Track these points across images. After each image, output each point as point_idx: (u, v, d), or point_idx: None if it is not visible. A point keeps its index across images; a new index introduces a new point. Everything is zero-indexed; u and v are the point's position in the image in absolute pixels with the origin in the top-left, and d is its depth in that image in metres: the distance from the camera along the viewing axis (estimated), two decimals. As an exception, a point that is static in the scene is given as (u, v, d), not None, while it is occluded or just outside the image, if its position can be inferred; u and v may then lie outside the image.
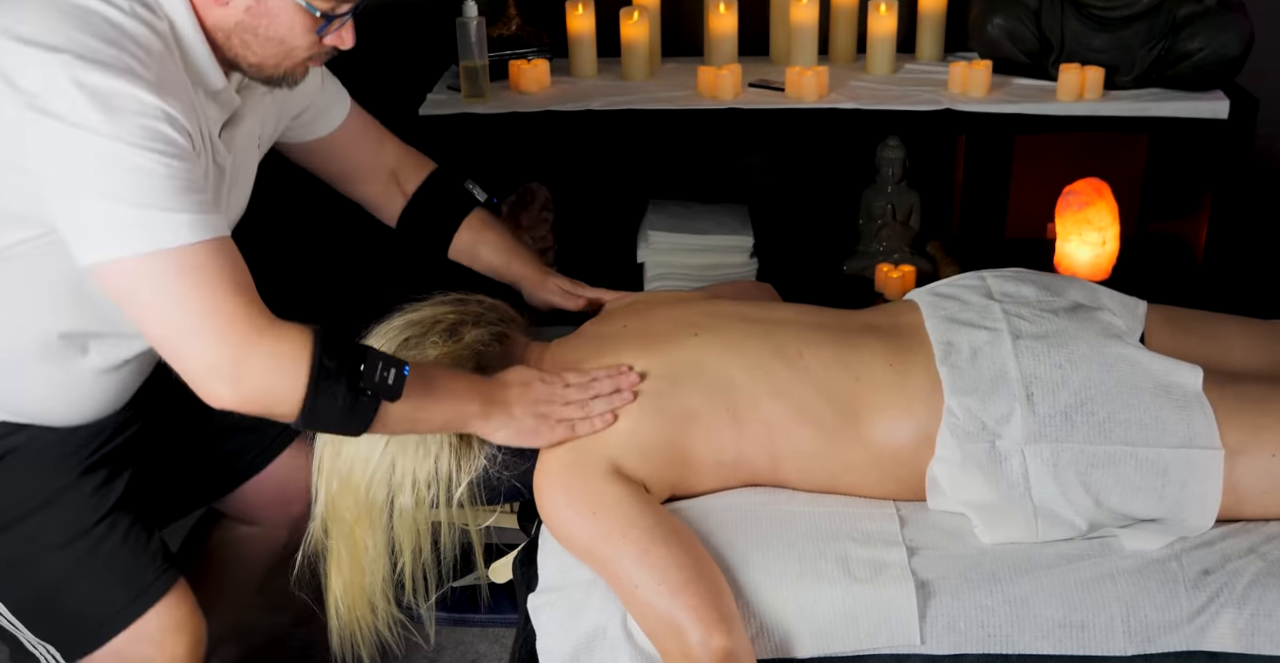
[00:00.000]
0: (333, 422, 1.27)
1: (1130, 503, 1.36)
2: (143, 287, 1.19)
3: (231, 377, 1.21)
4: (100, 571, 1.46)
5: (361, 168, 1.69)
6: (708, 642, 1.25)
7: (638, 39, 2.40)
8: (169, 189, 1.18)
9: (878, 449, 1.41)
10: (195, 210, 1.20)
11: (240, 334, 1.21)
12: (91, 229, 1.17)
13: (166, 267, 1.18)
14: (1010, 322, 1.45)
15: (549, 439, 1.40)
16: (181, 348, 1.21)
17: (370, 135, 1.69)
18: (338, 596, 1.48)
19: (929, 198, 2.66)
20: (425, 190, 1.70)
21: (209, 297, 1.20)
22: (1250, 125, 2.22)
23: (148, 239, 1.17)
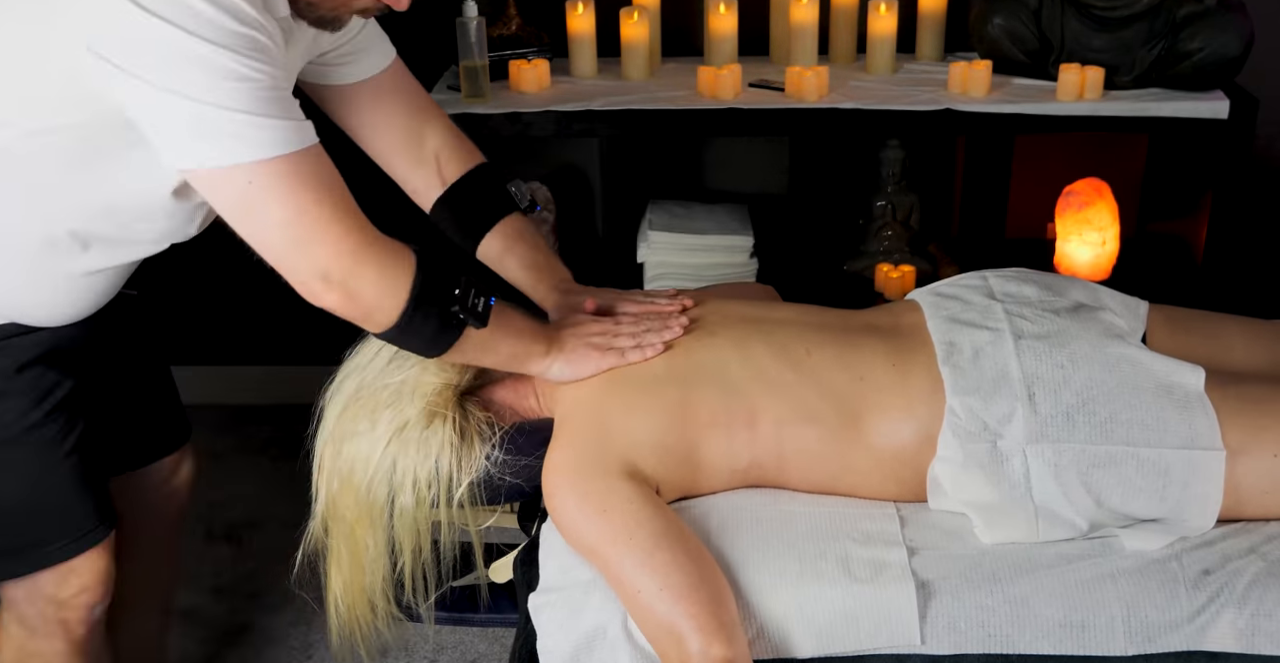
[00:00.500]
0: (419, 338, 1.32)
1: (1131, 503, 1.36)
2: (257, 193, 1.20)
3: (342, 282, 1.25)
4: (52, 498, 1.47)
5: (396, 136, 1.60)
6: (707, 651, 1.25)
7: (638, 39, 2.40)
8: (274, 97, 1.19)
9: (879, 449, 1.41)
10: (298, 116, 1.22)
11: (355, 241, 1.25)
12: (199, 134, 1.17)
13: (283, 172, 1.20)
14: (1012, 322, 1.45)
15: (599, 366, 1.44)
16: (293, 254, 1.23)
17: (409, 102, 1.60)
18: (337, 594, 1.48)
19: (929, 198, 2.66)
20: (464, 183, 1.63)
21: (323, 203, 1.22)
22: (1250, 125, 2.22)
23: (262, 145, 1.18)
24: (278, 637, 2.23)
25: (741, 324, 1.50)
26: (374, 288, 1.27)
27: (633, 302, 1.56)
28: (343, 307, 1.27)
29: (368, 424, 1.43)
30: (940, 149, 2.65)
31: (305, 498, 1.50)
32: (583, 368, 1.45)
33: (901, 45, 2.44)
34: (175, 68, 1.15)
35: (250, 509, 2.57)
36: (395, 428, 1.42)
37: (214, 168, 1.19)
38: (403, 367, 1.45)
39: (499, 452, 1.44)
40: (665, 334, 1.46)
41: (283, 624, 2.25)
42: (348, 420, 1.45)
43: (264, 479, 2.65)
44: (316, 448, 1.47)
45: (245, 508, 2.58)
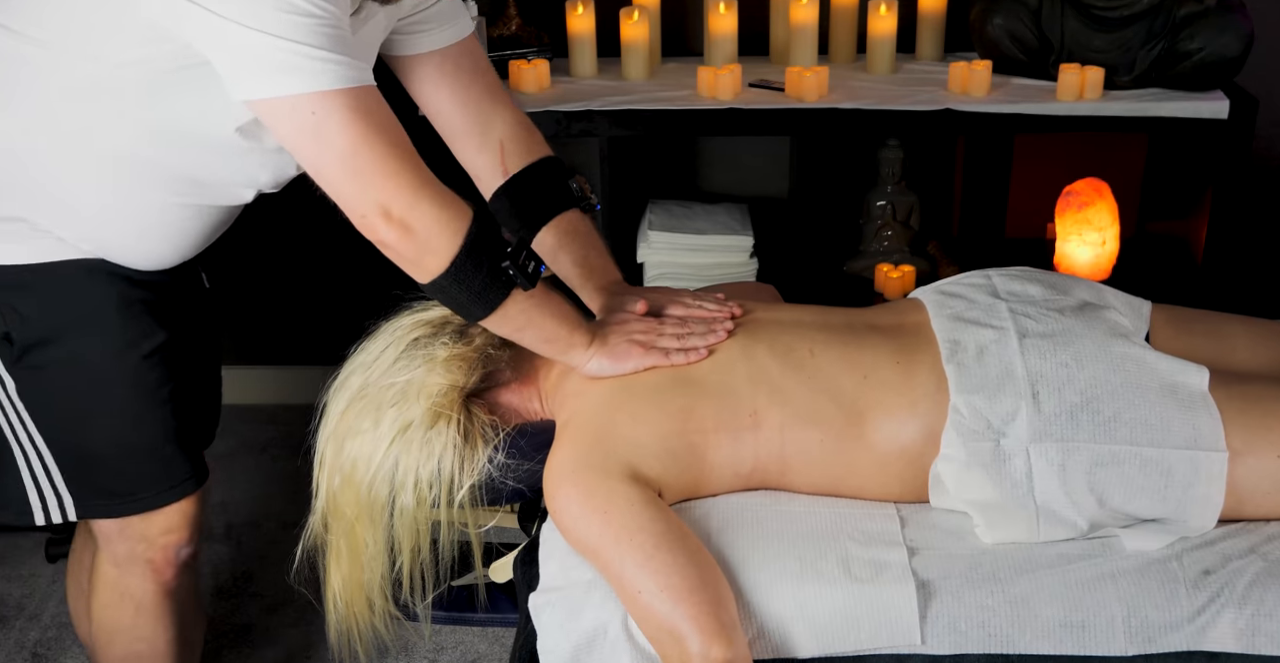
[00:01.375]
0: (467, 290, 1.32)
1: (1133, 503, 1.36)
2: (320, 123, 1.23)
3: (401, 217, 1.27)
4: (148, 442, 1.54)
5: (464, 116, 1.59)
6: (707, 652, 1.25)
7: (638, 39, 2.40)
8: (338, 36, 1.23)
9: (883, 449, 1.41)
10: (360, 60, 1.26)
11: (414, 178, 1.27)
12: (265, 65, 1.21)
13: (345, 105, 1.23)
14: (1016, 320, 1.45)
15: (641, 363, 1.44)
16: (353, 186, 1.26)
17: (480, 82, 1.59)
18: (336, 591, 1.48)
19: (929, 198, 2.66)
20: (525, 175, 1.60)
21: (385, 138, 1.26)
22: (1250, 125, 2.22)
23: (325, 77, 1.22)
24: (278, 637, 2.23)
25: (745, 326, 1.50)
26: (432, 225, 1.28)
27: (681, 304, 1.55)
28: (399, 242, 1.28)
29: (371, 422, 1.43)
30: (940, 149, 2.65)
31: (305, 499, 1.50)
32: (624, 363, 1.44)
33: (901, 45, 2.44)
34: (247, 2, 1.19)
35: (250, 509, 2.57)
36: (399, 427, 1.42)
37: (278, 97, 1.22)
38: (409, 366, 1.45)
39: (501, 455, 1.44)
40: (710, 338, 1.46)
41: (283, 624, 2.25)
42: (351, 418, 1.45)
43: (264, 479, 2.65)
44: (318, 444, 1.47)
45: (245, 508, 2.58)
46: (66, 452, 1.53)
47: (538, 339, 1.42)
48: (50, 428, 1.52)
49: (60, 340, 1.47)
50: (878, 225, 2.58)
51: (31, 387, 1.49)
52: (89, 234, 1.45)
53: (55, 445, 1.52)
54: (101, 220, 1.44)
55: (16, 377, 1.49)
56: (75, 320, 1.47)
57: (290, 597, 2.28)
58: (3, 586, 2.36)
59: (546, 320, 1.40)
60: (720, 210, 2.58)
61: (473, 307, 1.35)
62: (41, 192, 1.41)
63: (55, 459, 1.53)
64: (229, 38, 1.21)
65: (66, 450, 1.53)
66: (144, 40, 1.29)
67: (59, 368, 1.48)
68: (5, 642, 2.22)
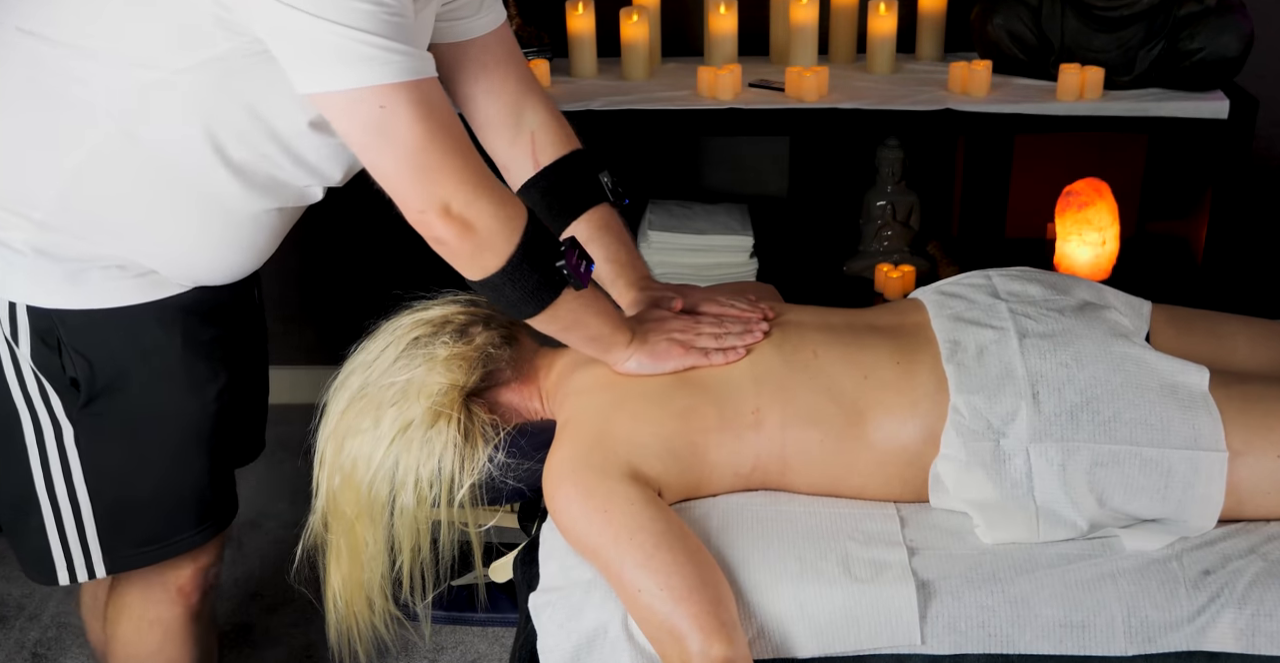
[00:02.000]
0: (521, 288, 1.32)
1: (1133, 503, 1.36)
2: (389, 117, 1.20)
3: (461, 213, 1.25)
4: (197, 486, 1.52)
5: (496, 106, 1.57)
6: (707, 651, 1.25)
7: (638, 39, 2.40)
8: (405, 25, 1.21)
9: (883, 449, 1.41)
10: (422, 47, 1.24)
11: (476, 175, 1.26)
12: (334, 57, 1.18)
13: (414, 98, 1.21)
14: (1016, 320, 1.45)
15: (682, 363, 1.44)
16: (415, 182, 1.24)
17: (514, 72, 1.57)
18: (336, 590, 1.48)
19: (929, 198, 2.66)
20: (555, 168, 1.57)
21: (450, 133, 1.24)
22: (1250, 125, 2.22)
23: (395, 69, 1.19)
24: (278, 637, 2.23)
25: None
26: (492, 222, 1.27)
27: (715, 302, 1.55)
28: (458, 239, 1.27)
29: (371, 422, 1.43)
30: (940, 149, 2.65)
31: (306, 499, 1.50)
32: (665, 363, 1.44)
33: (901, 45, 2.44)
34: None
35: (251, 509, 2.57)
36: (399, 427, 1.42)
37: (347, 90, 1.19)
38: (409, 366, 1.45)
39: (502, 454, 1.44)
40: (747, 338, 1.46)
41: (283, 624, 2.25)
42: (351, 417, 1.45)
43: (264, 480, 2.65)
44: (318, 443, 1.47)
45: (246, 508, 2.57)
46: (109, 503, 1.48)
47: (583, 337, 1.42)
48: (99, 478, 1.47)
49: (127, 387, 1.44)
50: (878, 225, 2.58)
51: (91, 433, 1.46)
52: (170, 255, 1.41)
53: (99, 497, 1.48)
54: (180, 236, 1.41)
55: (77, 423, 1.45)
56: (142, 367, 1.44)
57: (290, 597, 2.28)
58: (3, 586, 2.36)
59: (593, 319, 1.40)
60: (720, 210, 2.58)
61: (524, 305, 1.34)
62: (120, 221, 1.37)
63: (93, 512, 1.48)
64: (295, 26, 1.17)
65: (109, 501, 1.48)
66: (210, 39, 1.26)
67: (121, 415, 1.45)
68: (5, 642, 2.22)
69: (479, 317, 1.51)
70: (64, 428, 1.45)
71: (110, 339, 1.42)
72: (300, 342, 2.84)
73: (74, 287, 1.39)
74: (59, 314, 1.39)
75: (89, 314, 1.40)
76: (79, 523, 1.48)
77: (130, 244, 1.39)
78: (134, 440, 1.47)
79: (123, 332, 1.42)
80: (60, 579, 1.50)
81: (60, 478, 1.46)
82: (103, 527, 1.49)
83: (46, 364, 1.41)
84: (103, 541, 1.49)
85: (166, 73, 1.29)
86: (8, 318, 1.39)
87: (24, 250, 1.36)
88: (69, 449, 1.46)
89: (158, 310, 1.43)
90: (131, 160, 1.34)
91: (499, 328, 1.52)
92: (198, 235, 1.41)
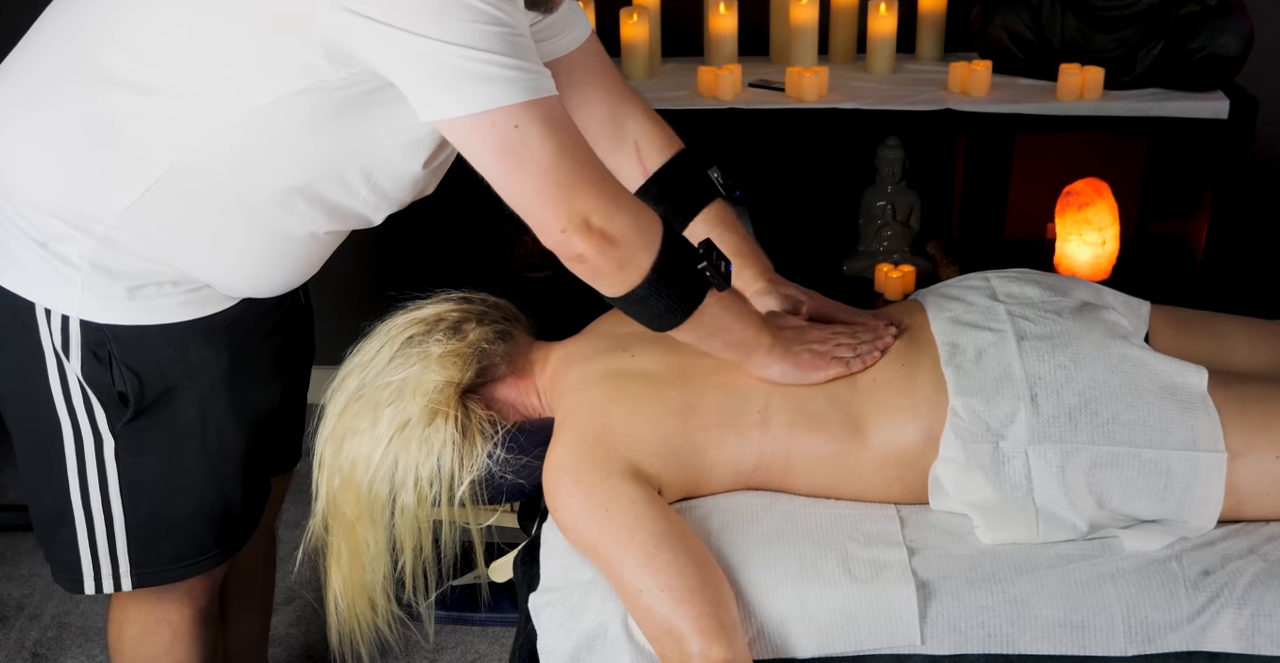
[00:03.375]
0: (664, 298, 1.29)
1: (1132, 504, 1.36)
2: (522, 136, 1.19)
3: (602, 226, 1.23)
4: (229, 505, 1.51)
5: (595, 117, 1.56)
6: (707, 653, 1.25)
7: (638, 39, 2.40)
8: (526, 44, 1.20)
9: (883, 451, 1.41)
10: (540, 63, 1.22)
11: (612, 188, 1.25)
12: (463, 79, 1.16)
13: (545, 116, 1.20)
14: (1015, 323, 1.45)
15: (825, 374, 1.41)
16: (555, 200, 1.22)
17: (608, 83, 1.57)
18: (337, 592, 1.48)
19: (929, 198, 2.66)
20: (666, 171, 1.57)
21: (580, 149, 1.23)
22: (1250, 125, 2.22)
23: (526, 87, 1.18)
24: (278, 637, 2.23)
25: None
26: (632, 233, 1.25)
27: (845, 310, 1.54)
28: (599, 254, 1.24)
29: (369, 422, 1.43)
30: (940, 149, 2.65)
31: (307, 499, 1.50)
32: (810, 374, 1.41)
33: (901, 45, 2.44)
34: (435, 14, 1.15)
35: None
36: (397, 426, 1.42)
37: (477, 112, 1.17)
38: (404, 365, 1.45)
39: (501, 450, 1.44)
40: (879, 343, 1.44)
41: (283, 624, 2.25)
42: (349, 418, 1.45)
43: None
44: (317, 446, 1.47)
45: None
46: (143, 518, 1.48)
47: (726, 343, 1.38)
48: (136, 492, 1.47)
49: (172, 404, 1.44)
50: (877, 225, 2.58)
51: (132, 448, 1.45)
52: (227, 273, 1.41)
53: (134, 513, 1.47)
54: (241, 258, 1.40)
55: (120, 437, 1.44)
56: (189, 385, 1.44)
57: (291, 597, 2.28)
58: (3, 586, 2.36)
59: (736, 323, 1.37)
60: (720, 210, 2.58)
61: (671, 314, 1.31)
62: (182, 244, 1.36)
63: (126, 526, 1.47)
64: (417, 52, 1.15)
65: (143, 516, 1.48)
66: (308, 71, 1.23)
67: (165, 431, 1.45)
68: (5, 642, 2.22)
69: (472, 313, 1.51)
70: (105, 441, 1.44)
71: (160, 355, 1.41)
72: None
73: (128, 302, 1.38)
74: (112, 329, 1.39)
75: (142, 330, 1.40)
76: (110, 536, 1.48)
77: (189, 262, 1.38)
78: (173, 457, 1.47)
79: (172, 349, 1.42)
80: (87, 588, 1.50)
81: (97, 490, 1.46)
82: (133, 541, 1.48)
83: (96, 378, 1.41)
84: (132, 555, 1.49)
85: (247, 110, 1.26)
86: (60, 331, 1.39)
87: (81, 265, 1.36)
88: (108, 463, 1.45)
89: (207, 327, 1.43)
90: (200, 188, 1.32)
91: (493, 324, 1.52)
92: (260, 256, 1.41)
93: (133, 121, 1.29)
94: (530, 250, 2.56)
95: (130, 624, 1.61)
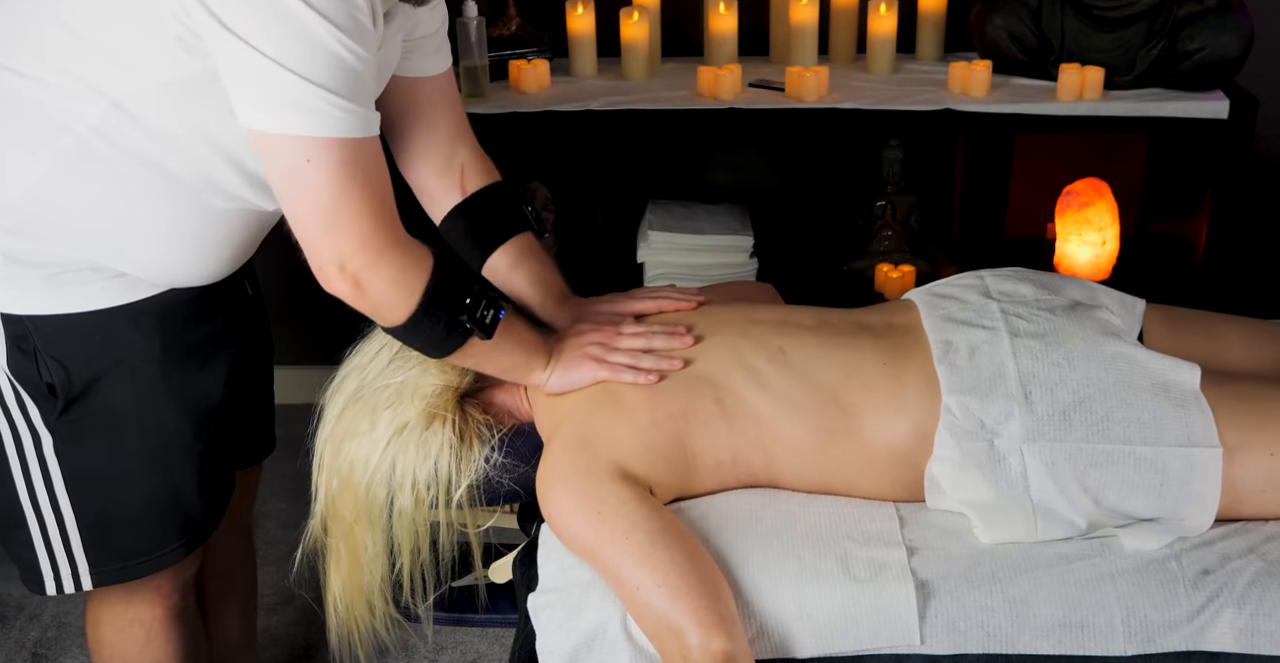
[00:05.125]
0: (425, 340, 1.35)
1: (1128, 502, 1.36)
2: (310, 171, 1.22)
3: (357, 277, 1.27)
4: (183, 499, 1.50)
5: (433, 139, 1.61)
6: (707, 645, 1.25)
7: (638, 39, 2.40)
8: (358, 81, 1.22)
9: (873, 448, 1.41)
10: (369, 105, 1.24)
11: (381, 241, 1.27)
12: (280, 99, 1.19)
13: (342, 158, 1.22)
14: (1008, 321, 1.45)
15: (593, 377, 1.44)
16: (320, 237, 1.25)
17: (454, 112, 1.63)
18: (336, 594, 1.48)
19: (929, 198, 2.66)
20: (483, 194, 1.62)
21: (365, 196, 1.25)
22: (1250, 125, 2.22)
23: (334, 124, 1.21)
24: (277, 637, 2.23)
25: (729, 325, 1.50)
26: (387, 286, 1.29)
27: (646, 298, 1.57)
28: (352, 298, 1.29)
29: (368, 424, 1.43)
30: (940, 149, 2.65)
31: (305, 498, 1.50)
32: (574, 375, 1.45)
33: (901, 45, 2.44)
34: (279, 32, 1.17)
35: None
36: (395, 429, 1.42)
37: (280, 133, 1.21)
38: (403, 368, 1.45)
39: (498, 454, 1.44)
40: (663, 364, 1.45)
41: (282, 624, 2.25)
42: (347, 420, 1.45)
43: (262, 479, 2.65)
44: (316, 447, 1.47)
45: (245, 508, 2.58)
46: (92, 515, 1.47)
47: (498, 370, 1.45)
48: (81, 488, 1.46)
49: (103, 394, 1.43)
50: (878, 225, 2.58)
51: (69, 442, 1.44)
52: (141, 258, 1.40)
53: (82, 509, 1.46)
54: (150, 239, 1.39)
55: (56, 431, 1.43)
56: (119, 373, 1.43)
57: (290, 597, 2.28)
58: (3, 586, 2.36)
59: (504, 356, 1.42)
60: (720, 210, 2.58)
61: (430, 353, 1.38)
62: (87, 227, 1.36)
63: (78, 524, 1.47)
64: (248, 62, 1.18)
65: (93, 513, 1.47)
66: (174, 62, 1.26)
67: (99, 423, 1.44)
68: (5, 642, 2.22)
69: None
70: (43, 437, 1.43)
71: (86, 344, 1.40)
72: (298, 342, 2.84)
73: (46, 291, 1.37)
74: (32, 320, 1.38)
75: (63, 319, 1.38)
76: (64, 535, 1.47)
77: (99, 248, 1.37)
78: (113, 449, 1.45)
79: (98, 336, 1.40)
80: (48, 590, 1.49)
81: (43, 488, 1.45)
82: (87, 539, 1.47)
83: (22, 371, 1.40)
84: (88, 553, 1.48)
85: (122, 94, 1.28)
86: None
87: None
88: (49, 459, 1.44)
89: (134, 313, 1.41)
90: (98, 169, 1.32)
91: None
92: (168, 237, 1.39)
93: (15, 109, 1.30)
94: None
95: (104, 625, 1.60)
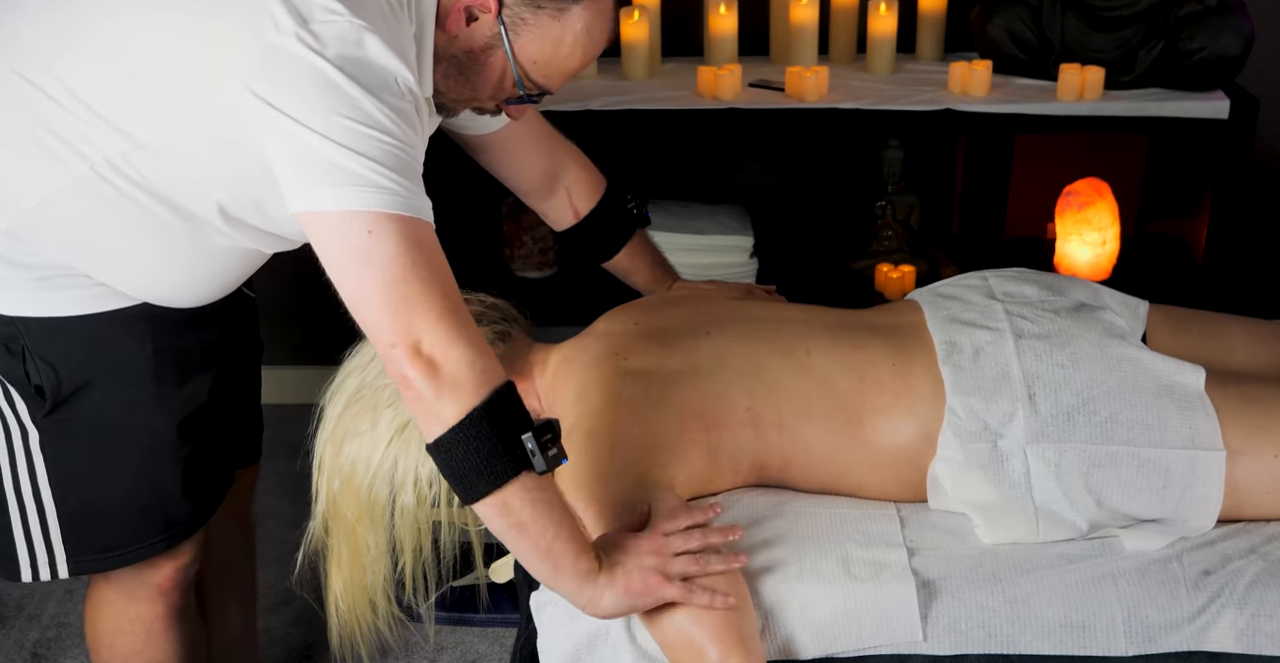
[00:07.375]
0: (475, 455, 1.18)
1: (1131, 503, 1.36)
2: (374, 244, 1.16)
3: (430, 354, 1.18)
4: (165, 498, 1.50)
5: (530, 175, 1.65)
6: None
7: (638, 39, 2.40)
8: (410, 164, 1.21)
9: (880, 449, 1.41)
10: (422, 189, 1.22)
11: (457, 318, 1.19)
12: (332, 178, 1.16)
13: (404, 232, 1.17)
14: (1012, 322, 1.45)
15: (662, 598, 1.24)
16: (394, 312, 1.18)
17: (542, 146, 1.64)
18: (338, 594, 1.48)
19: (929, 198, 2.66)
20: (593, 217, 1.74)
21: (435, 273, 1.19)
22: (1250, 125, 2.22)
23: (390, 200, 1.17)
24: (278, 637, 2.23)
25: (748, 323, 1.50)
26: (463, 367, 1.18)
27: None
28: (423, 379, 1.17)
29: (368, 424, 1.43)
30: (940, 149, 2.65)
31: (305, 498, 1.50)
32: (643, 600, 1.24)
33: (901, 45, 2.44)
34: (328, 111, 1.16)
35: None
36: (396, 427, 1.42)
37: (337, 210, 1.16)
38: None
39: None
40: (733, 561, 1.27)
41: (283, 624, 2.25)
42: (348, 420, 1.45)
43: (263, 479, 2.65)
44: (317, 448, 1.47)
45: (245, 508, 2.57)
46: (73, 509, 1.46)
47: (532, 547, 1.21)
48: (63, 483, 1.46)
49: (92, 396, 1.42)
50: (878, 225, 2.58)
51: (55, 440, 1.44)
52: (133, 282, 1.39)
53: (63, 503, 1.46)
54: (146, 267, 1.38)
55: (42, 428, 1.43)
56: (109, 377, 1.42)
57: (291, 597, 2.28)
58: (3, 586, 2.35)
59: (549, 526, 1.21)
60: (720, 210, 2.58)
61: (475, 478, 1.18)
62: (86, 245, 1.35)
63: (58, 517, 1.46)
64: (299, 143, 1.16)
65: (73, 507, 1.47)
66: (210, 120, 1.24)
67: (86, 424, 1.43)
68: (5, 642, 2.22)
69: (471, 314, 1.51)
70: (30, 432, 1.43)
71: (76, 348, 1.39)
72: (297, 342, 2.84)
73: (39, 293, 1.36)
74: (23, 321, 1.37)
75: (54, 322, 1.38)
76: (44, 524, 1.47)
77: (93, 266, 1.36)
78: (99, 450, 1.45)
79: (89, 340, 1.40)
80: (23, 576, 1.49)
81: (26, 479, 1.45)
82: (66, 530, 1.47)
83: (11, 371, 1.40)
84: (66, 544, 1.48)
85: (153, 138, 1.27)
86: None
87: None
88: (34, 452, 1.44)
89: (126, 318, 1.41)
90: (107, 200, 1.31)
91: (491, 324, 1.52)
92: (163, 265, 1.39)
93: (49, 129, 1.28)
94: (529, 250, 2.56)
95: (104, 623, 1.60)
